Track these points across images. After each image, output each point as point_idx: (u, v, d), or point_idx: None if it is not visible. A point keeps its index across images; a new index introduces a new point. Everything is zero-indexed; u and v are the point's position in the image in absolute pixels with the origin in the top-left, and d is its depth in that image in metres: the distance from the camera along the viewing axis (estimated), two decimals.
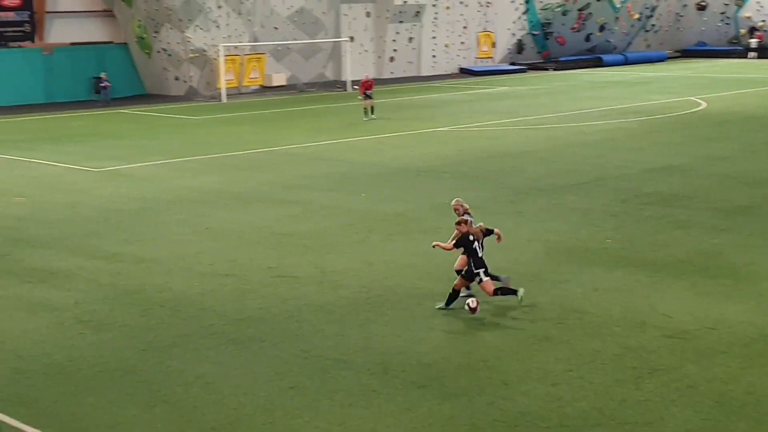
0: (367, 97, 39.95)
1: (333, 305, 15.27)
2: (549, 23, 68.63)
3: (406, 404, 11.40)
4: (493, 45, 66.50)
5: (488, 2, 65.20)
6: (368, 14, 59.90)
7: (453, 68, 64.00)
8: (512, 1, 66.55)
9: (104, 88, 48.73)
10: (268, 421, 11.04)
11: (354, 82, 54.72)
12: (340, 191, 24.74)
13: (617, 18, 71.71)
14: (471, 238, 14.79)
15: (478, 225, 15.17)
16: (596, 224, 20.53)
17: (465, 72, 63.80)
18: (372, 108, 39.98)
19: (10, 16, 49.63)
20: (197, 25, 50.32)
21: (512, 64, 66.78)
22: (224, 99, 49.79)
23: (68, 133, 37.85)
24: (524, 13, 67.38)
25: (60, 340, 13.95)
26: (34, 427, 10.97)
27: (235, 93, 51.80)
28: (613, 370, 12.37)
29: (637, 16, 73.12)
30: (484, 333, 13.85)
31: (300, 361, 12.90)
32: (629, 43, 73.85)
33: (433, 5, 61.85)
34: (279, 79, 54.85)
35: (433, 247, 15.38)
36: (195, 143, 34.41)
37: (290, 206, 22.89)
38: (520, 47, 68.06)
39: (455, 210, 15.70)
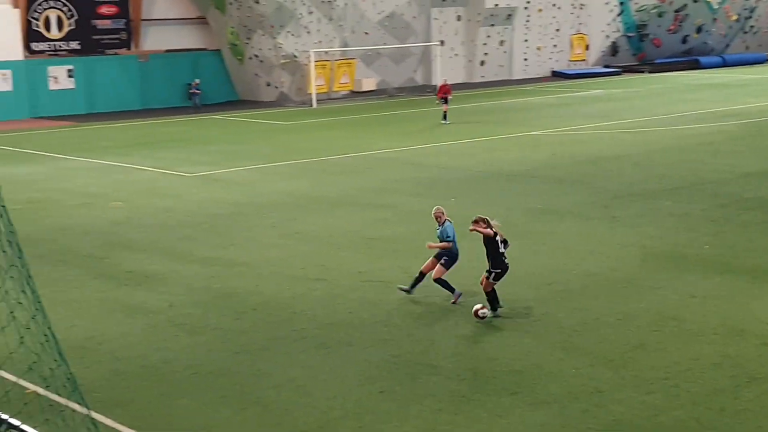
0: (445, 101, 40.02)
1: (422, 310, 15.21)
2: (644, 25, 67.59)
3: (497, 410, 11.28)
4: (587, 47, 65.74)
5: (582, 4, 64.47)
6: (459, 18, 59.73)
7: (545, 71, 63.43)
8: (606, 3, 65.70)
9: (194, 94, 49.50)
10: (358, 425, 11.03)
11: None
12: (430, 195, 24.66)
13: (715, 19, 70.33)
14: (494, 232, 14.57)
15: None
16: (694, 230, 20.11)
17: (557, 75, 63.20)
18: (445, 113, 40.05)
19: (107, 23, 50.75)
20: (288, 31, 50.77)
21: (606, 66, 65.93)
22: (315, 104, 50.13)
23: (163, 139, 38.50)
24: (619, 14, 66.48)
25: (155, 342, 14.15)
26: (130, 427, 11.13)
27: (325, 98, 52.11)
28: (710, 378, 12.07)
29: (735, 17, 71.60)
30: (576, 340, 13.64)
31: (389, 365, 12.87)
32: (727, 45, 72.33)
33: (525, 8, 61.38)
34: (369, 84, 55.03)
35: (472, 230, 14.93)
36: (286, 148, 34.69)
37: (380, 210, 22.90)
38: (614, 49, 67.16)
39: (437, 218, 15.59)
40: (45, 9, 48.60)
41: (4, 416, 8.67)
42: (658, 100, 47.31)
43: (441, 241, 15.49)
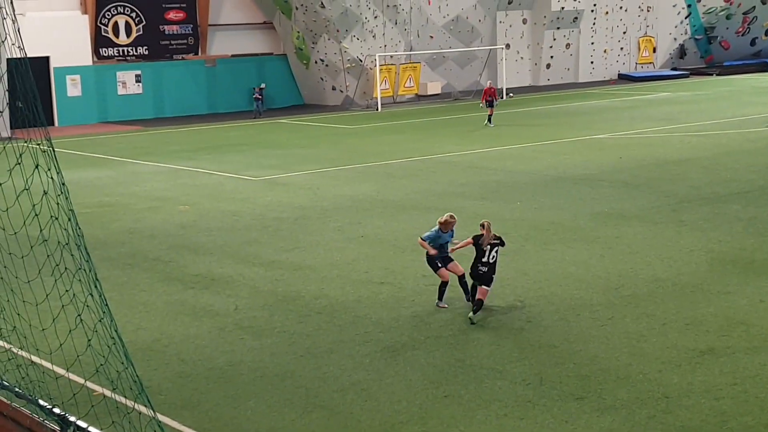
0: (490, 104, 40.45)
1: (487, 314, 15.13)
2: (712, 27, 66.67)
3: (563, 416, 11.18)
4: (654, 50, 65.05)
5: (649, 7, 63.82)
6: (524, 21, 59.46)
7: (612, 74, 62.90)
8: (674, 5, 64.96)
9: (257, 99, 49.59)
10: (423, 430, 11.00)
11: (510, 90, 54.44)
12: (495, 199, 24.58)
13: None
14: (480, 241, 14.97)
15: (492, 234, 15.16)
16: (762, 234, 19.76)
17: (624, 78, 62.62)
18: (489, 117, 40.49)
19: (175, 29, 51.36)
20: (354, 36, 50.94)
21: (674, 69, 65.18)
22: (380, 108, 50.22)
23: (229, 143, 38.84)
24: (686, 17, 65.68)
25: (221, 344, 14.27)
26: (196, 430, 11.22)
27: (390, 102, 52.18)
28: None
29: None
30: (644, 345, 13.48)
31: (454, 370, 12.83)
32: None
33: (592, 10, 60.92)
34: (434, 88, 55.01)
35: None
36: (351, 152, 34.79)
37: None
38: (682, 52, 66.36)
39: (449, 224, 15.64)
40: (114, 15, 49.33)
41: (72, 418, 8.79)
42: (726, 103, 46.62)
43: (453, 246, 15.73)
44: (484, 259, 14.89)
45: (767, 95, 49.28)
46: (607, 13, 61.90)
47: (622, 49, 63.39)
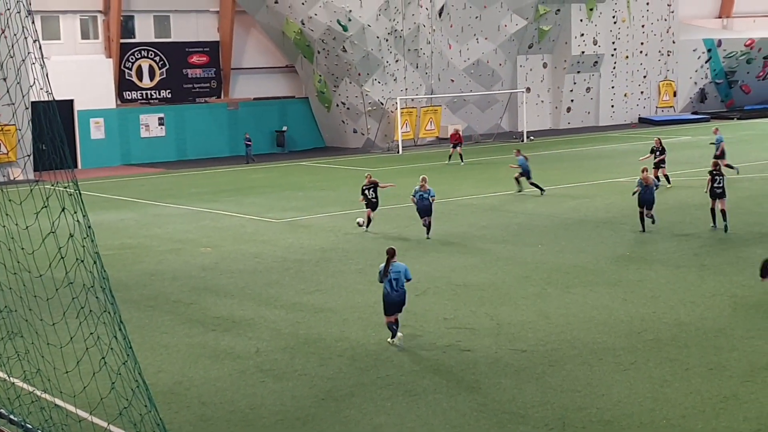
0: (455, 146, 44.03)
1: (509, 358, 15.09)
2: (733, 71, 66.71)
3: None
4: (675, 94, 65.08)
5: (669, 51, 63.96)
6: (545, 65, 59.67)
7: (632, 118, 62.93)
8: (694, 50, 65.07)
9: (246, 146, 49.06)
10: None
11: (530, 133, 54.52)
12: (516, 242, 24.55)
13: None
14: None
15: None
16: None
17: (645, 121, 62.60)
18: (460, 155, 44.02)
19: (198, 73, 51.82)
20: (375, 79, 51.23)
21: (694, 113, 65.15)
22: (401, 151, 50.36)
23: (251, 185, 39.01)
24: (707, 61, 65.76)
25: (242, 387, 14.25)
26: None
27: (410, 145, 52.34)
28: None
29: None
30: (667, 390, 13.39)
31: (476, 414, 12.76)
32: None
33: (612, 54, 61.09)
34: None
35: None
36: None
37: (466, 257, 22.84)
38: (702, 96, 66.37)
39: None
40: (137, 59, 49.88)
41: None
42: (748, 147, 46.52)
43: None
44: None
45: None
46: (627, 57, 62.05)
47: (642, 93, 63.47)
